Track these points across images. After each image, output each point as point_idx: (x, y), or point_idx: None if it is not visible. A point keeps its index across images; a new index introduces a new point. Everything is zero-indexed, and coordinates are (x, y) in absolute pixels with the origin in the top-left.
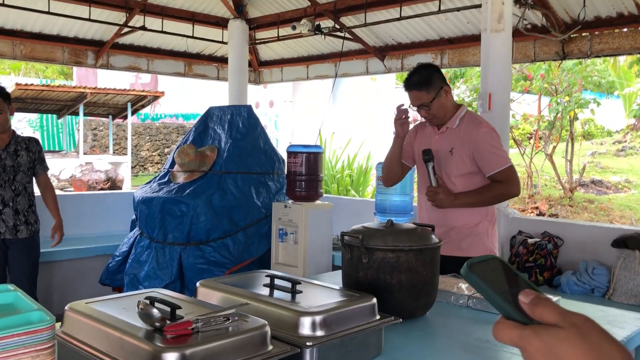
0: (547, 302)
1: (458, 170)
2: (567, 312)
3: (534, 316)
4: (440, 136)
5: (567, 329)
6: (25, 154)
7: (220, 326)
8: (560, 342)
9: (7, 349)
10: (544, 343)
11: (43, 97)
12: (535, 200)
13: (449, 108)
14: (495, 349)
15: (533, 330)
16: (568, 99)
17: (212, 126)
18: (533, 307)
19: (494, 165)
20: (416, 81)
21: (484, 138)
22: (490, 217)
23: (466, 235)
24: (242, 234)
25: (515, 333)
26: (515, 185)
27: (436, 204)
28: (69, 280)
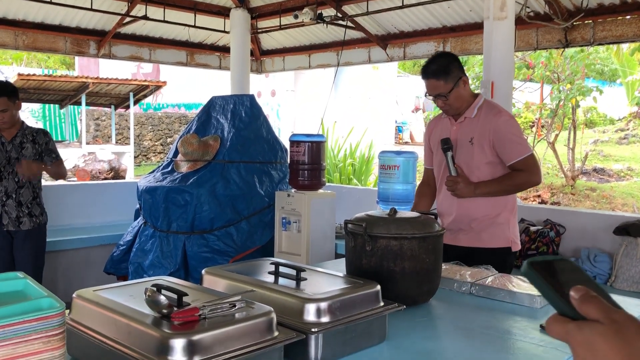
0: (595, 299)
1: (479, 160)
2: (611, 309)
3: (581, 312)
4: (459, 126)
5: (607, 324)
6: (31, 146)
7: (227, 313)
8: (597, 336)
9: (18, 335)
10: (585, 337)
11: (45, 87)
12: (537, 189)
13: (466, 98)
14: (498, 335)
15: (577, 325)
16: (570, 87)
17: (215, 115)
18: (581, 303)
19: (514, 153)
20: (434, 70)
21: (504, 126)
22: (511, 207)
23: (487, 226)
24: (246, 223)
25: (562, 328)
26: (537, 173)
27: (456, 193)
28: (74, 269)
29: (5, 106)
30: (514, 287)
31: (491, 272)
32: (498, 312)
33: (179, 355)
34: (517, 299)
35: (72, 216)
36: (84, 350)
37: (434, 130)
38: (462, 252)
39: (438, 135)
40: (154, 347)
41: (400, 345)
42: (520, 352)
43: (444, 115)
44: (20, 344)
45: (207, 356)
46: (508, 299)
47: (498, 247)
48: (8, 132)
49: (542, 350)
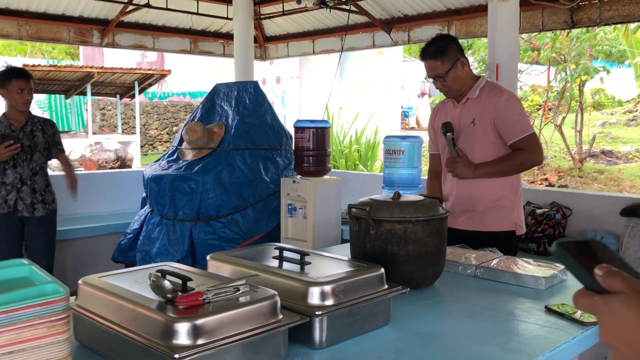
0: (618, 274)
1: (482, 140)
2: (634, 281)
3: (605, 286)
4: (462, 108)
5: (630, 294)
6: (41, 134)
7: (231, 297)
8: (621, 304)
9: (23, 319)
10: (609, 307)
11: (50, 77)
12: (544, 172)
13: (465, 80)
14: (503, 317)
15: (602, 297)
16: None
17: (219, 103)
18: (605, 278)
19: (515, 132)
20: (432, 51)
21: (505, 105)
22: (515, 190)
23: (491, 209)
24: (252, 210)
25: (588, 300)
26: (538, 153)
27: (456, 174)
28: (82, 257)
29: (32, 86)
30: (519, 269)
31: (496, 255)
32: (503, 294)
33: (183, 338)
34: (522, 281)
35: (80, 205)
36: (90, 336)
37: (438, 114)
38: (466, 235)
39: (442, 119)
40: (159, 331)
41: (404, 328)
42: (524, 333)
43: (448, 99)
44: (25, 329)
45: (211, 339)
46: (513, 281)
47: (502, 231)
48: (17, 121)
49: (546, 331)
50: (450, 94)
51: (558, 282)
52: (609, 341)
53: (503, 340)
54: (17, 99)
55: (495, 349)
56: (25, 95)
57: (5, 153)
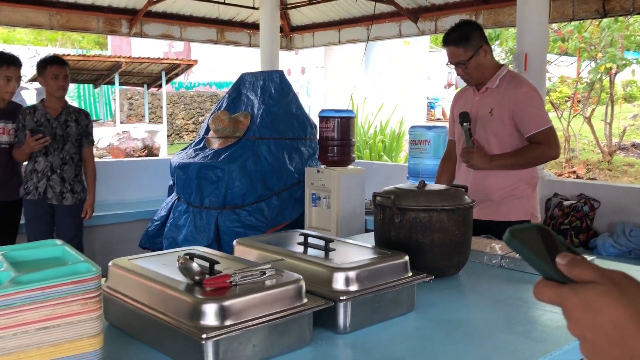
0: (584, 262)
1: (498, 131)
2: (604, 269)
3: (572, 276)
4: (481, 97)
5: (606, 284)
6: (74, 125)
7: (257, 280)
8: (599, 296)
9: (57, 296)
10: (582, 299)
11: (80, 67)
12: (572, 165)
13: (487, 68)
14: (528, 306)
15: (571, 288)
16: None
17: (245, 92)
18: (570, 267)
19: (533, 125)
20: (454, 37)
21: (523, 98)
22: (530, 180)
23: (506, 199)
24: (276, 199)
25: (554, 292)
26: (555, 147)
27: (470, 164)
28: (110, 244)
29: (67, 73)
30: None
31: None
32: (528, 284)
33: (211, 319)
34: None
35: (108, 192)
36: (120, 316)
37: (458, 101)
38: (481, 225)
39: (461, 106)
40: (186, 312)
41: (428, 315)
42: (549, 322)
43: (469, 87)
44: (60, 305)
45: (238, 321)
46: None
47: (517, 220)
48: (53, 109)
49: None
50: (471, 82)
51: None
52: (582, 335)
53: (527, 329)
54: (52, 85)
55: (519, 337)
56: (59, 81)
57: (35, 145)
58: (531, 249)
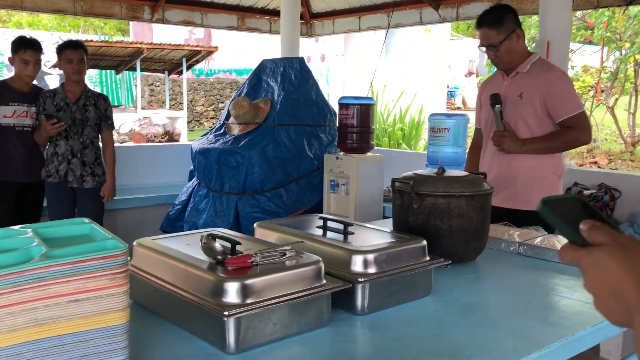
0: (602, 228)
1: (527, 115)
2: (617, 234)
3: (590, 240)
4: (511, 81)
5: (614, 246)
6: (93, 109)
7: (277, 260)
8: (605, 255)
9: (87, 270)
10: (593, 258)
11: (102, 53)
12: (594, 155)
13: (518, 53)
14: (545, 293)
15: (587, 249)
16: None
17: (265, 79)
18: (589, 232)
19: (565, 110)
20: (488, 20)
21: (556, 82)
22: (557, 169)
23: (533, 188)
24: (295, 185)
25: (574, 253)
26: (587, 132)
27: (502, 148)
28: (132, 227)
29: (82, 56)
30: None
31: (540, 233)
32: (546, 271)
33: (233, 297)
34: None
35: (129, 177)
36: (144, 294)
37: (486, 87)
38: (505, 213)
39: (490, 92)
40: (209, 290)
41: (445, 299)
42: (566, 308)
43: (497, 72)
44: (90, 279)
45: (258, 299)
46: (557, 259)
47: None
48: (72, 94)
49: (588, 307)
50: (500, 65)
51: None
52: (592, 290)
53: (544, 314)
54: (67, 69)
55: (536, 322)
56: (73, 65)
57: (52, 130)
58: (559, 217)
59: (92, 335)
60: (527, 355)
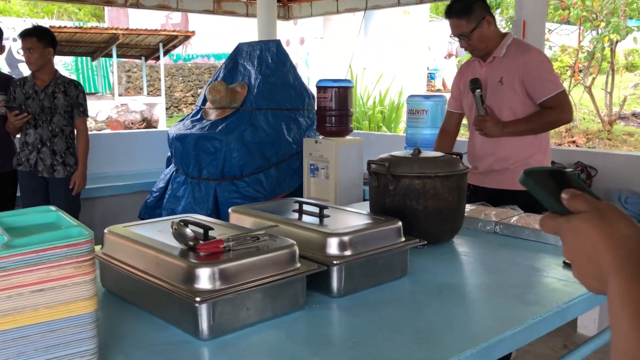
0: (582, 196)
1: (509, 99)
2: (596, 201)
3: (570, 208)
4: (488, 67)
5: (591, 212)
6: (62, 96)
7: (251, 245)
8: (583, 222)
9: (51, 259)
10: (572, 225)
11: (77, 39)
12: (572, 134)
13: (491, 39)
14: (521, 271)
15: (566, 218)
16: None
17: (242, 62)
18: (570, 201)
19: (545, 90)
20: (457, 9)
21: (534, 63)
22: (544, 149)
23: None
24: (275, 170)
25: (554, 222)
26: (568, 111)
27: (484, 132)
28: (109, 215)
29: (32, 45)
30: (539, 226)
31: (517, 212)
32: (522, 250)
33: (205, 283)
34: (542, 237)
35: (106, 164)
36: (116, 282)
37: (465, 73)
38: (492, 193)
39: (468, 77)
40: (181, 276)
41: (421, 280)
42: (542, 286)
43: (474, 58)
44: (54, 268)
45: (231, 284)
46: (533, 237)
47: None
48: (41, 80)
49: (563, 284)
50: (475, 53)
51: None
52: (571, 257)
53: (519, 292)
54: (25, 58)
55: (512, 300)
56: (26, 55)
57: (16, 121)
58: (542, 187)
59: (59, 325)
60: (502, 333)
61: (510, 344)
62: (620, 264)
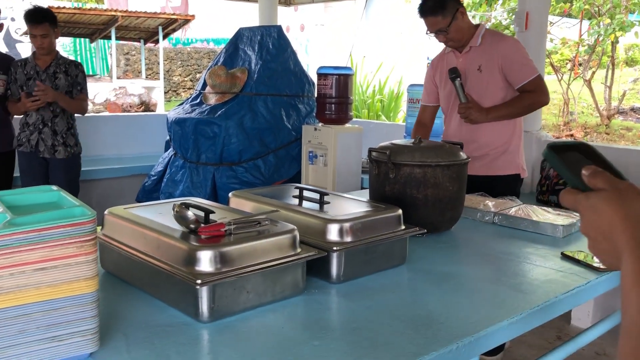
0: (602, 173)
1: (489, 86)
2: (616, 180)
3: (590, 185)
4: (465, 57)
5: (610, 191)
6: (64, 77)
7: (252, 229)
8: (601, 199)
9: (54, 238)
10: (590, 202)
11: (75, 20)
12: (570, 128)
13: (466, 30)
14: (518, 261)
15: (585, 194)
16: (610, 22)
17: (242, 47)
18: (590, 178)
19: (523, 75)
20: (431, 7)
21: (511, 49)
22: (519, 133)
23: (500, 154)
24: (273, 156)
25: (573, 197)
26: (545, 93)
27: (469, 119)
28: (107, 198)
29: (45, 31)
30: (537, 217)
31: (515, 203)
32: (520, 240)
33: (205, 265)
34: (540, 228)
35: (104, 147)
36: (116, 264)
37: (438, 66)
38: (474, 180)
39: (445, 69)
40: (182, 258)
41: (420, 268)
42: (539, 277)
43: (447, 50)
44: (56, 247)
45: (232, 268)
46: (531, 228)
47: (510, 174)
48: (43, 61)
49: (561, 275)
50: (453, 45)
51: (576, 231)
52: (587, 232)
53: (517, 282)
54: (32, 42)
55: (509, 289)
56: (37, 40)
57: (31, 106)
58: (564, 162)
59: (61, 304)
60: (499, 322)
61: (508, 332)
62: (635, 244)
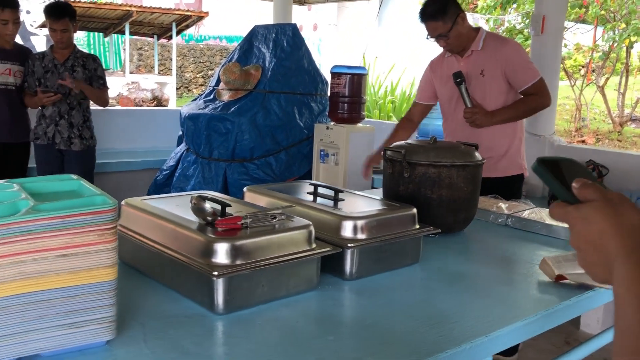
0: (592, 185)
1: (492, 90)
2: (606, 191)
3: (580, 197)
4: (467, 61)
5: (602, 201)
6: (81, 70)
7: (268, 223)
8: (592, 210)
9: (75, 226)
10: (581, 213)
11: (90, 14)
12: (582, 134)
13: (466, 35)
14: (531, 264)
15: (576, 206)
16: (625, 27)
17: (257, 45)
18: (581, 190)
19: (526, 79)
20: (431, 12)
21: (514, 53)
22: (520, 134)
23: (503, 155)
24: (285, 154)
25: (563, 210)
26: (547, 96)
27: (476, 124)
28: (119, 191)
29: (66, 26)
30: (550, 220)
31: (528, 206)
32: (533, 243)
33: (222, 258)
34: (553, 232)
35: (117, 140)
36: (132, 254)
37: (437, 67)
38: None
39: (445, 72)
40: (199, 250)
41: (432, 267)
42: (550, 280)
43: (448, 54)
44: (78, 235)
45: (248, 261)
46: (544, 232)
47: (514, 175)
48: (61, 54)
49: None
50: (454, 50)
51: None
52: (577, 245)
53: (528, 285)
54: (52, 36)
55: (521, 292)
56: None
57: (48, 101)
58: (553, 175)
59: (80, 291)
60: (512, 323)
61: (522, 333)
62: (627, 252)
